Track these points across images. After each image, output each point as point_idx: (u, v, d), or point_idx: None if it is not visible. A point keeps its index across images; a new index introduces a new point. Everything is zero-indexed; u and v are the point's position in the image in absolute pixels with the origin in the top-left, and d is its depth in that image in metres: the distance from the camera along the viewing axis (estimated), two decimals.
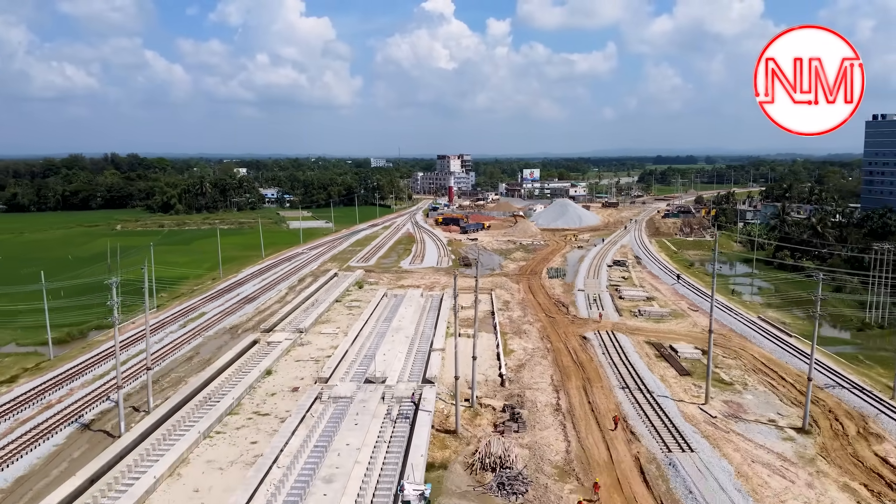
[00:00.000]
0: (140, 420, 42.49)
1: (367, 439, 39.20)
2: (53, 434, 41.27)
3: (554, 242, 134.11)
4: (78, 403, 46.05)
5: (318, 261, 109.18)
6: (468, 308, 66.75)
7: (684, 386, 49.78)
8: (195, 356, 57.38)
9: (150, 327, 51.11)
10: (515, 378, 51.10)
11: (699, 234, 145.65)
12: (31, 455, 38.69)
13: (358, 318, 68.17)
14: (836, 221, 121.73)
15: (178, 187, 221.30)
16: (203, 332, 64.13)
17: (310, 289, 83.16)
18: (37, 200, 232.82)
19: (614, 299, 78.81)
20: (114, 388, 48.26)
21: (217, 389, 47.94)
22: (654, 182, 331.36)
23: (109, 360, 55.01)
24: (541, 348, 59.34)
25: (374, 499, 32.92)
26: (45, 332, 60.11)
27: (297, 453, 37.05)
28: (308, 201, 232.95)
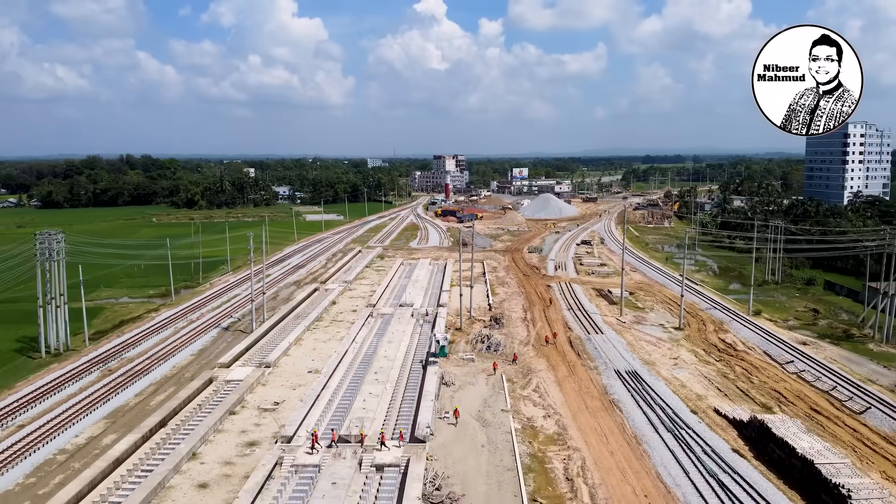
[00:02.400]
0: (259, 325, 66.92)
1: (406, 329, 64.01)
2: (206, 333, 65.62)
3: (536, 229, 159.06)
4: (212, 320, 70.51)
5: (342, 242, 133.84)
6: (467, 272, 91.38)
7: (610, 309, 74.71)
8: (276, 297, 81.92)
9: (231, 284, 75.47)
10: (498, 306, 75.93)
11: (660, 223, 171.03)
12: (199, 341, 62.91)
13: (385, 275, 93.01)
14: (768, 209, 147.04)
15: (201, 185, 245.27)
16: (276, 285, 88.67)
17: (343, 259, 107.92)
18: (70, 197, 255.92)
19: (576, 265, 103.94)
20: (228, 313, 73.00)
21: (301, 311, 72.64)
22: (633, 180, 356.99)
23: (214, 299, 79.58)
24: (517, 292, 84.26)
25: (417, 347, 57.77)
26: (146, 289, 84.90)
27: (366, 336, 61.76)
28: (317, 198, 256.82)
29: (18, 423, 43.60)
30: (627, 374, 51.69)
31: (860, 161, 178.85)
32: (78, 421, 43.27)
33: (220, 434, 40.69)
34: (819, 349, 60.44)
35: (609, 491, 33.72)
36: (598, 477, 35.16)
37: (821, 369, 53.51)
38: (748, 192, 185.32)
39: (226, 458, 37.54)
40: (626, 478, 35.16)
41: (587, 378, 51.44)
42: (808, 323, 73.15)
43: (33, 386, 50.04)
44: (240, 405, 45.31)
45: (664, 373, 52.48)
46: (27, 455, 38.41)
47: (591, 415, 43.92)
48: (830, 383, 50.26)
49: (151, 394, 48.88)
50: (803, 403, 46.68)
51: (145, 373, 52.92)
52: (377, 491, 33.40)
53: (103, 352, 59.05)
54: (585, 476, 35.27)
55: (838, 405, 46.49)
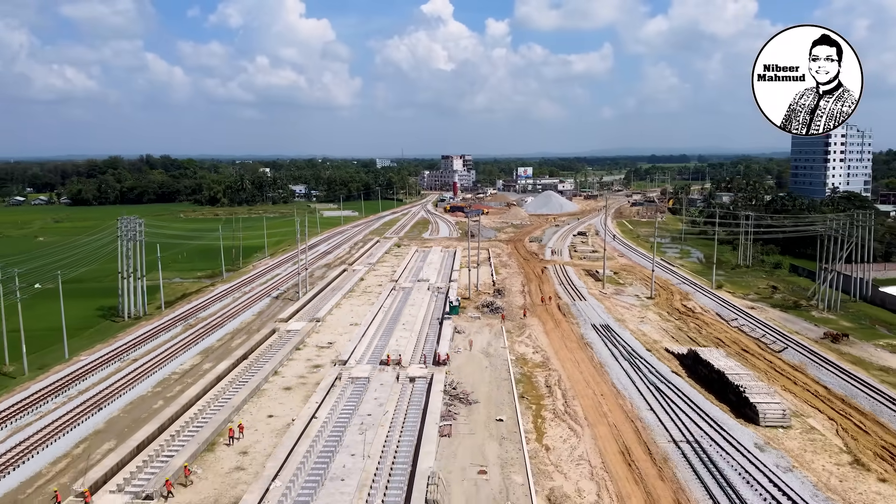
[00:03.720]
0: (304, 295, 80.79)
1: (424, 298, 77.77)
2: (260, 300, 79.59)
3: (538, 223, 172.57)
4: (262, 291, 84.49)
5: (361, 234, 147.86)
6: (474, 257, 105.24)
7: (596, 285, 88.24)
8: (311, 276, 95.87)
9: (271, 266, 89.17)
10: (501, 282, 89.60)
11: (652, 217, 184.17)
12: (256, 306, 76.81)
13: (403, 259, 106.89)
14: (751, 204, 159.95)
15: (223, 184, 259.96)
16: (309, 267, 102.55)
17: (364, 247, 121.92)
18: (98, 195, 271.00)
19: (570, 251, 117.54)
20: (274, 287, 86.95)
21: (336, 285, 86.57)
22: (635, 179, 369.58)
23: (259, 277, 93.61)
24: (517, 272, 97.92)
25: (434, 309, 71.53)
26: (193, 272, 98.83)
27: (392, 305, 75.53)
28: (332, 196, 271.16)
29: (132, 357, 57.54)
30: (601, 327, 65.30)
31: (841, 160, 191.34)
32: (179, 355, 57.27)
33: (291, 361, 54.62)
34: (763, 312, 73.86)
35: (575, 392, 47.34)
36: (569, 385, 48.79)
37: (759, 325, 66.97)
38: (737, 188, 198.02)
39: (299, 374, 51.44)
40: (589, 385, 48.78)
41: (569, 329, 65.09)
42: (765, 297, 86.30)
43: (132, 336, 64.02)
44: (302, 345, 59.25)
45: (631, 326, 66.06)
46: (150, 374, 52.38)
47: (568, 351, 57.56)
48: (762, 333, 63.76)
49: (229, 339, 62.84)
50: (736, 346, 60.11)
51: (220, 326, 66.95)
52: (411, 392, 47.11)
53: (179, 314, 73.11)
54: (560, 384, 48.90)
55: (763, 346, 59.97)
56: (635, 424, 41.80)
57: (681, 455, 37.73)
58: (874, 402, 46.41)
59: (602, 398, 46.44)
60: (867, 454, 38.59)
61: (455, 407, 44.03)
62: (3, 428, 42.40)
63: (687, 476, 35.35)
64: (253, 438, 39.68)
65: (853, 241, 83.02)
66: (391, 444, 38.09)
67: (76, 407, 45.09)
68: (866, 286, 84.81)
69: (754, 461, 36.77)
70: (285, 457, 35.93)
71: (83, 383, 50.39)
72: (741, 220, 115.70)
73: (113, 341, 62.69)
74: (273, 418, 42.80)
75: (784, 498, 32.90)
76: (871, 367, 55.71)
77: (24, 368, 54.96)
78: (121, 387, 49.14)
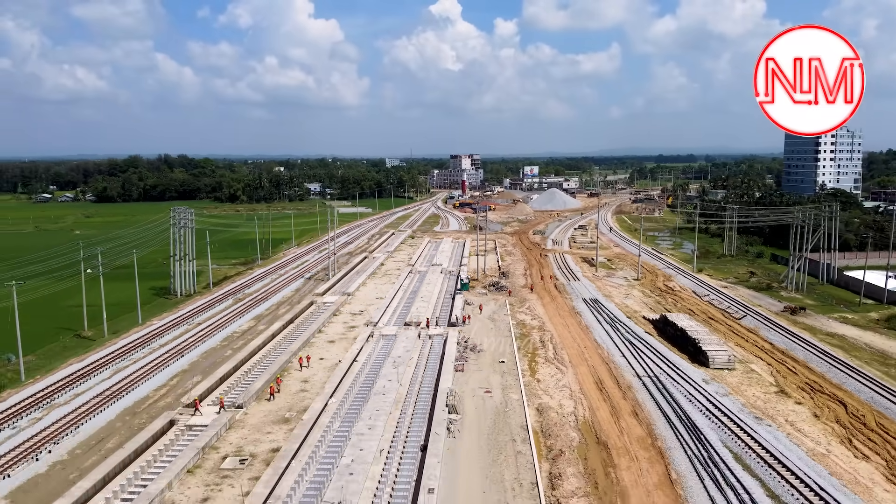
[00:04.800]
0: (333, 276, 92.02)
1: (438, 279, 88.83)
2: (295, 281, 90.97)
3: (542, 218, 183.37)
4: (296, 273, 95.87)
5: (377, 227, 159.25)
6: (482, 247, 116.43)
7: (590, 269, 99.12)
8: (337, 262, 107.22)
9: (300, 254, 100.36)
10: (505, 267, 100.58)
11: (651, 213, 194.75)
12: (293, 285, 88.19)
13: (417, 248, 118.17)
14: (742, 200, 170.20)
15: (242, 182, 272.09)
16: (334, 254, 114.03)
17: (381, 238, 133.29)
18: (122, 193, 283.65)
19: (570, 242, 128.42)
20: (306, 270, 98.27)
21: (359, 269, 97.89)
22: (637, 178, 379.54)
23: (290, 263, 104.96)
24: (520, 259, 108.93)
25: (447, 287, 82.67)
26: (228, 259, 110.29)
27: (410, 284, 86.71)
28: (345, 194, 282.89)
29: (196, 321, 68.94)
30: (590, 301, 76.23)
31: (831, 159, 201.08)
32: (236, 320, 68.69)
33: (331, 323, 65.97)
34: (735, 291, 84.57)
35: (564, 345, 58.33)
36: (559, 340, 59.80)
37: (728, 300, 77.72)
38: (731, 186, 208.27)
39: (339, 332, 62.77)
40: (575, 341, 59.79)
41: (563, 303, 76.07)
42: (743, 280, 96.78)
43: (192, 306, 75.46)
44: (337, 312, 70.58)
45: (616, 300, 76.99)
46: (216, 333, 63.78)
47: (560, 318, 68.56)
48: (728, 305, 74.56)
49: (275, 309, 74.22)
50: (704, 315, 70.88)
51: (265, 300, 78.38)
52: (431, 344, 58.22)
53: (227, 290, 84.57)
54: (552, 341, 59.90)
55: (727, 315, 70.74)
56: (608, 365, 52.81)
57: (642, 385, 48.69)
58: (808, 354, 57.18)
59: (585, 349, 57.43)
60: (791, 387, 49.37)
61: (466, 354, 55.13)
62: (107, 368, 53.78)
63: (644, 397, 46.29)
64: (310, 372, 51.00)
65: (821, 231, 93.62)
66: (418, 376, 49.24)
67: (162, 355, 56.47)
68: (833, 270, 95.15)
69: (699, 389, 47.69)
70: (337, 382, 47.16)
71: (162, 339, 61.83)
72: (726, 214, 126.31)
73: (176, 311, 74.12)
74: (323, 360, 54.12)
75: (717, 410, 43.77)
76: (819, 332, 66.26)
77: (105, 331, 66.28)
78: (194, 341, 60.58)
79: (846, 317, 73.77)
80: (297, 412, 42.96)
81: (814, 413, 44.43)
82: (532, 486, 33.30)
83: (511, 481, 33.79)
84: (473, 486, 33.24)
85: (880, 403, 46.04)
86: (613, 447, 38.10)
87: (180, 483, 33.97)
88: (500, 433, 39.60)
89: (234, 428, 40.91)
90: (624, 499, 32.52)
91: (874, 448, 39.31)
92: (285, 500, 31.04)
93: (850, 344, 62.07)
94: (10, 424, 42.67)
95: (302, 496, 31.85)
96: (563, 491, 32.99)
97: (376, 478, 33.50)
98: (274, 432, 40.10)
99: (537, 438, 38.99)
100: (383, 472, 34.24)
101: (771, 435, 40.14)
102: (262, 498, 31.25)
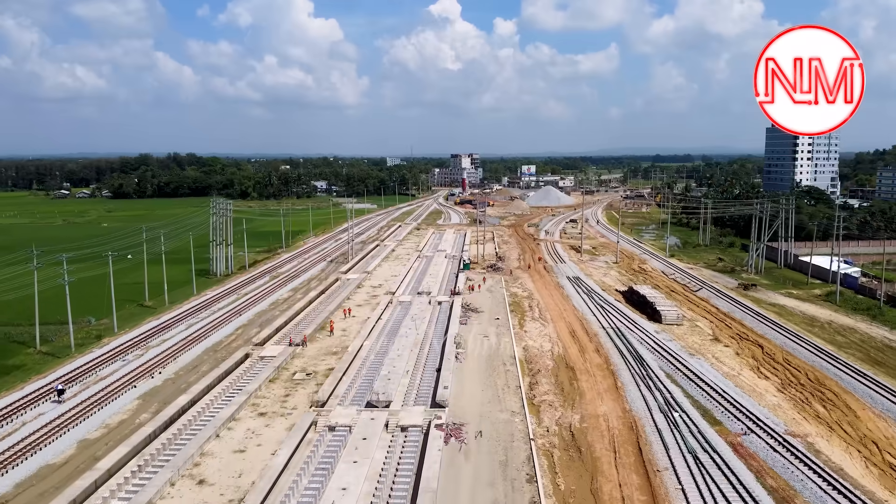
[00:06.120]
0: (352, 259, 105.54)
1: (443, 261, 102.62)
2: (319, 263, 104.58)
3: (537, 213, 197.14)
4: (318, 257, 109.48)
5: (384, 221, 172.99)
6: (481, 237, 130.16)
7: (577, 255, 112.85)
8: (353, 249, 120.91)
9: (318, 242, 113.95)
10: (502, 253, 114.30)
11: (638, 209, 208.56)
12: (318, 266, 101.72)
13: (423, 238, 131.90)
14: (722, 196, 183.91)
15: (252, 179, 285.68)
16: (349, 243, 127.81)
17: (389, 230, 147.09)
18: (137, 189, 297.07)
19: (561, 234, 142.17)
20: (326, 255, 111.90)
21: (374, 254, 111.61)
22: (630, 177, 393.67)
23: (311, 250, 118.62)
24: (515, 247, 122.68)
25: (450, 268, 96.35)
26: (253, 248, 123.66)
27: (419, 265, 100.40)
28: (350, 191, 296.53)
29: (244, 292, 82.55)
30: (573, 278, 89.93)
31: (808, 158, 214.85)
32: (277, 291, 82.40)
33: (356, 294, 79.78)
34: (699, 271, 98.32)
35: (547, 308, 72.01)
36: (544, 305, 73.48)
37: (691, 278, 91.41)
38: (715, 184, 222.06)
39: (364, 299, 76.55)
40: (557, 306, 73.49)
41: (550, 280, 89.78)
42: (711, 265, 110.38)
43: (235, 282, 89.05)
44: (360, 286, 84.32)
45: (595, 278, 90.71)
46: (262, 300, 77.39)
47: (546, 290, 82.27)
48: (688, 280, 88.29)
49: (307, 284, 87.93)
50: (667, 288, 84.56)
51: (296, 277, 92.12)
52: (439, 308, 71.87)
53: (260, 271, 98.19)
54: (538, 305, 73.58)
55: (686, 289, 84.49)
56: (582, 322, 66.55)
57: (606, 334, 62.41)
58: (746, 316, 70.88)
59: (564, 311, 71.18)
60: (724, 336, 63.07)
61: (468, 314, 68.85)
62: (181, 323, 67.33)
63: (606, 341, 59.99)
64: (346, 324, 64.76)
65: (778, 222, 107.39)
66: (431, 327, 62.96)
67: (223, 314, 70.13)
68: (790, 256, 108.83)
69: (650, 336, 61.40)
70: (369, 331, 60.90)
71: (218, 304, 75.50)
72: (700, 207, 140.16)
73: (222, 285, 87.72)
74: (355, 317, 67.85)
75: (660, 349, 57.43)
76: (763, 303, 79.80)
77: (165, 301, 79.72)
78: (246, 305, 74.30)
79: (792, 292, 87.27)
80: (342, 349, 56.65)
81: (736, 352, 58.14)
82: (517, 388, 46.97)
83: (502, 386, 47.47)
84: (475, 388, 46.92)
85: (790, 346, 59.68)
86: (578, 369, 51.77)
87: (266, 387, 47.61)
88: (494, 360, 53.32)
89: (296, 358, 54.61)
90: (581, 396, 46.17)
91: (775, 373, 52.96)
92: (343, 394, 44.68)
93: (786, 311, 75.67)
94: (121, 358, 56.23)
95: (355, 392, 45.49)
96: (538, 391, 46.66)
97: (406, 383, 47.13)
98: (327, 360, 53.80)
99: (522, 364, 52.66)
100: (411, 380, 47.87)
101: (698, 363, 53.85)
102: (326, 394, 44.82)
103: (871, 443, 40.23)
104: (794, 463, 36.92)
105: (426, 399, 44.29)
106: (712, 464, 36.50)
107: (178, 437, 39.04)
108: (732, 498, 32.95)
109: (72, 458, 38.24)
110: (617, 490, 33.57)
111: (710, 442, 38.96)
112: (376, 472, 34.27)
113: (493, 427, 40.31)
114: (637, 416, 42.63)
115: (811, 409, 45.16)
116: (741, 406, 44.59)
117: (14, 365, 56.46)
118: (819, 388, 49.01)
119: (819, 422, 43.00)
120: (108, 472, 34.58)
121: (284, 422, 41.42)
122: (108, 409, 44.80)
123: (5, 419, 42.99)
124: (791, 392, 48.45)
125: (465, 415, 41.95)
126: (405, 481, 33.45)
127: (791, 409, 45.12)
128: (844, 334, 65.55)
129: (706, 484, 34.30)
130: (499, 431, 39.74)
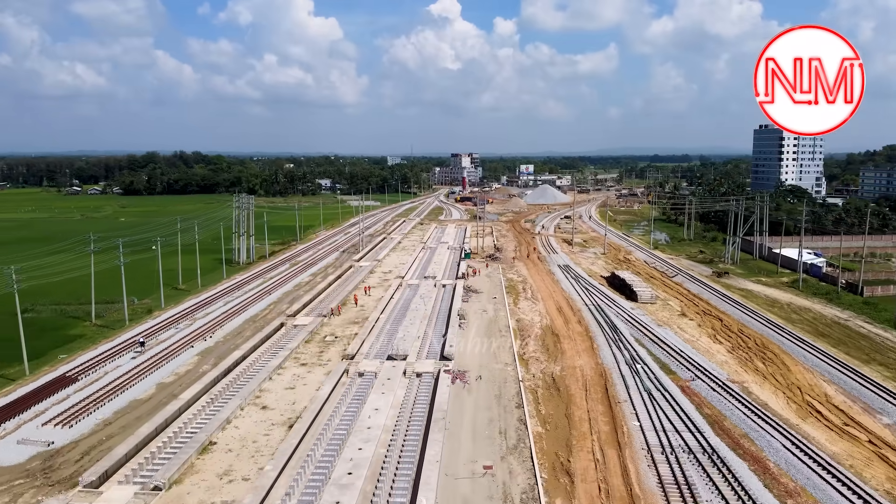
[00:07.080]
0: (363, 249, 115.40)
1: (445, 252, 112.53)
2: (333, 253, 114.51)
3: (535, 211, 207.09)
4: (331, 248, 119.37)
5: (388, 217, 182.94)
6: (481, 231, 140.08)
7: (568, 247, 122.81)
8: (362, 241, 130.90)
9: (329, 235, 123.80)
10: (500, 245, 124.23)
11: (630, 206, 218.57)
12: (332, 255, 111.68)
13: (426, 232, 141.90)
14: (709, 194, 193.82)
15: (259, 177, 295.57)
16: (358, 235, 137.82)
17: (395, 224, 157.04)
18: (147, 186, 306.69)
19: (555, 229, 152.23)
20: (339, 246, 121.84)
21: (382, 245, 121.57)
22: (626, 176, 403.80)
23: (323, 241, 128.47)
24: (512, 240, 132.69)
25: (452, 257, 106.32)
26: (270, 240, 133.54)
27: (424, 255, 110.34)
28: (354, 189, 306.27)
29: (269, 276, 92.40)
30: (563, 266, 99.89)
31: (794, 158, 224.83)
32: (299, 275, 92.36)
33: (369, 278, 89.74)
34: (678, 261, 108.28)
35: (538, 290, 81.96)
36: (536, 288, 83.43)
37: (670, 266, 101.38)
38: (704, 183, 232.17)
39: (377, 282, 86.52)
40: (547, 288, 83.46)
41: (542, 268, 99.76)
42: (691, 256, 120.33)
43: (259, 268, 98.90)
44: (372, 272, 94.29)
45: (583, 266, 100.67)
46: (287, 283, 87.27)
47: (539, 276, 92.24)
48: (667, 268, 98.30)
49: (324, 270, 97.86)
50: (647, 274, 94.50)
51: (313, 264, 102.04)
52: (444, 291, 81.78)
53: (280, 259, 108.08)
54: (531, 288, 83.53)
55: (664, 275, 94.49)
56: (568, 301, 76.51)
57: (588, 310, 72.35)
58: (713, 296, 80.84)
59: (553, 293, 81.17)
60: (690, 312, 73.02)
61: (469, 294, 78.82)
62: (219, 300, 77.15)
63: (588, 315, 69.93)
64: (363, 301, 74.70)
65: (754, 217, 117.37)
66: (437, 304, 72.91)
67: (255, 294, 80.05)
68: (765, 249, 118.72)
69: (625, 311, 71.37)
70: (384, 306, 70.83)
71: (249, 286, 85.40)
72: (685, 204, 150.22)
73: (248, 271, 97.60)
74: (370, 296, 77.82)
75: (633, 321, 67.36)
76: (732, 288, 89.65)
77: (198, 284, 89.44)
78: (273, 287, 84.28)
79: (761, 280, 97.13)
80: (362, 319, 66.68)
81: (698, 324, 68.12)
82: (510, 348, 56.93)
83: (497, 346, 57.46)
84: (475, 347, 56.93)
85: (746, 320, 69.59)
86: (562, 335, 61.73)
87: (303, 346, 57.57)
88: (491, 328, 63.32)
89: (325, 326, 64.61)
90: (563, 354, 56.13)
91: (728, 339, 62.86)
92: (368, 351, 54.66)
93: (752, 294, 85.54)
94: (173, 327, 66.10)
95: (378, 349, 55.46)
96: (527, 350, 56.66)
97: (419, 344, 57.10)
98: (351, 328, 63.82)
99: (515, 332, 62.61)
100: (422, 342, 57.85)
101: (664, 332, 63.81)
102: (355, 350, 54.76)
103: (797, 388, 50.18)
104: (729, 399, 46.90)
105: (436, 354, 54.24)
106: (663, 399, 46.49)
107: (238, 379, 48.95)
108: (674, 419, 42.91)
109: (153, 395, 48.11)
110: (585, 415, 43.51)
111: (663, 385, 48.97)
112: (399, 401, 44.21)
113: (489, 373, 50.29)
114: (607, 367, 52.63)
115: (752, 364, 55.11)
116: (694, 361, 54.58)
117: (76, 335, 66.22)
118: (762, 350, 58.97)
119: (756, 373, 52.97)
120: (188, 403, 44.45)
121: (322, 370, 51.39)
122: (174, 362, 54.71)
123: (92, 369, 52.94)
124: (738, 353, 58.38)
125: (467, 365, 51.91)
126: (422, 407, 43.39)
127: (736, 364, 55.07)
128: (800, 313, 75.35)
129: (656, 412, 44.25)
130: (494, 376, 49.72)
